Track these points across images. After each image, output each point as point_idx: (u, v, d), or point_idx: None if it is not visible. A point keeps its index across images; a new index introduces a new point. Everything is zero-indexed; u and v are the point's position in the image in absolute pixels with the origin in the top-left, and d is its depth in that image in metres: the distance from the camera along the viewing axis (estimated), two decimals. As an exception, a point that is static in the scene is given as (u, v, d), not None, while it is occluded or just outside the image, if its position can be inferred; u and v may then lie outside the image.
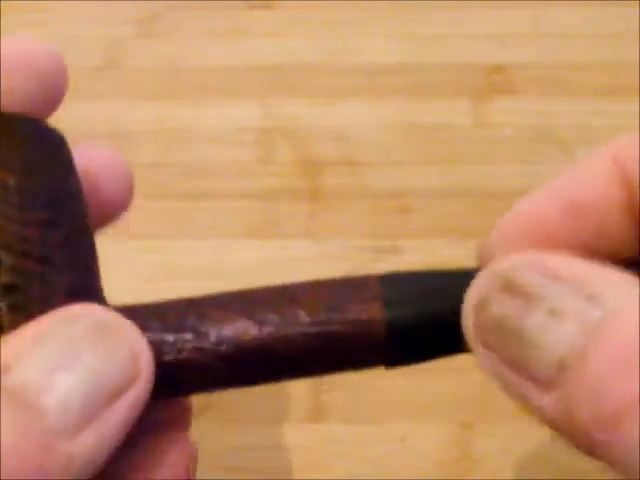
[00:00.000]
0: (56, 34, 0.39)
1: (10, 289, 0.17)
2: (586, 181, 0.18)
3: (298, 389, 0.31)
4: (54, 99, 0.20)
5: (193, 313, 0.18)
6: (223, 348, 0.17)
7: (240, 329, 0.18)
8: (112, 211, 0.21)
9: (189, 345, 0.18)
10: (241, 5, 0.39)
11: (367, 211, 0.35)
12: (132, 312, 0.18)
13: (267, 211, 0.35)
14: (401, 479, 0.30)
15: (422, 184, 0.35)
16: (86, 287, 0.18)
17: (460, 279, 0.18)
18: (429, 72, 0.38)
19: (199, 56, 0.38)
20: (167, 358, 0.17)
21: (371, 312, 0.18)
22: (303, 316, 0.18)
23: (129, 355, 0.17)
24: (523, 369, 0.16)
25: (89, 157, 0.20)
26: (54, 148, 0.19)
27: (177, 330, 0.18)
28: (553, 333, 0.16)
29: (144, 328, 0.17)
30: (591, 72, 0.38)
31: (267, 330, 0.18)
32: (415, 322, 0.18)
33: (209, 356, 0.18)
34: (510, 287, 0.16)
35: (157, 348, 0.17)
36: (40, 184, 0.18)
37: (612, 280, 0.16)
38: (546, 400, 0.16)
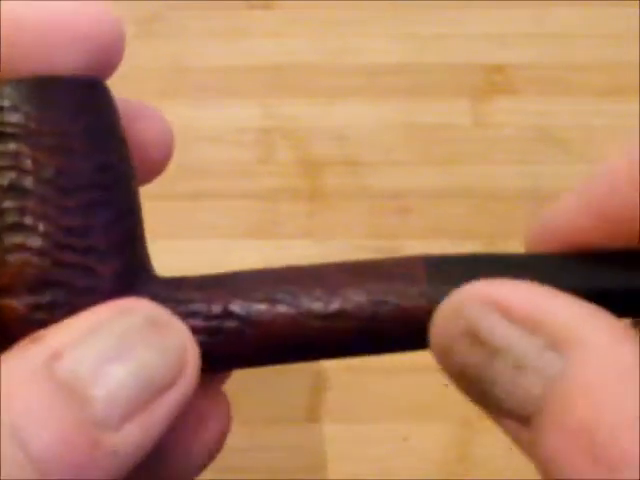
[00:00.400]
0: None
1: (53, 285, 0.16)
2: (615, 187, 0.17)
3: (298, 389, 0.31)
4: (108, 67, 0.19)
5: (238, 298, 0.17)
6: (267, 338, 0.17)
7: (285, 320, 0.17)
8: (153, 170, 0.21)
9: (232, 334, 0.17)
10: (241, 5, 0.39)
11: (367, 211, 0.35)
12: (177, 290, 0.18)
13: (267, 211, 0.35)
14: (401, 479, 0.30)
15: (422, 184, 0.35)
16: (133, 268, 0.18)
17: (507, 264, 0.17)
18: (429, 72, 0.38)
19: (199, 56, 0.38)
20: (209, 345, 0.17)
21: (418, 303, 0.17)
22: (350, 309, 0.17)
23: (178, 352, 0.17)
24: (496, 409, 0.16)
25: (134, 115, 0.20)
26: (97, 115, 0.18)
27: (221, 317, 0.17)
28: (517, 386, 0.15)
29: (189, 311, 0.17)
30: (591, 72, 0.38)
31: (312, 323, 0.17)
32: None
33: (251, 345, 0.17)
34: (472, 334, 0.16)
35: (199, 333, 0.17)
36: (82, 162, 0.17)
37: (578, 325, 0.15)
38: (524, 434, 0.15)
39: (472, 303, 0.16)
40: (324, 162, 0.36)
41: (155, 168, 0.21)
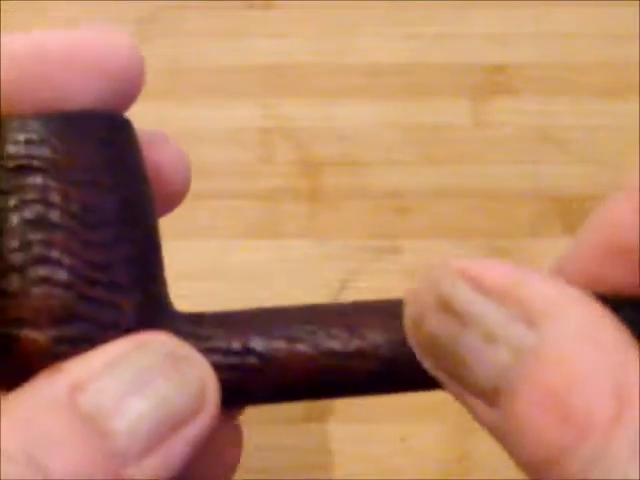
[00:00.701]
0: (56, 34, 0.39)
1: (77, 318, 0.16)
2: (626, 220, 0.17)
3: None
4: (125, 100, 0.19)
5: (258, 335, 0.18)
6: (285, 376, 0.17)
7: (304, 358, 0.17)
8: (169, 203, 0.21)
9: (251, 371, 0.17)
10: (241, 5, 0.39)
11: (367, 211, 0.35)
12: (198, 326, 0.18)
13: (267, 211, 0.35)
14: (401, 479, 0.30)
15: (422, 184, 0.35)
16: (154, 304, 0.18)
17: None
18: (429, 72, 0.38)
19: (199, 56, 0.38)
20: (226, 380, 0.17)
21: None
22: (368, 350, 0.17)
23: (198, 386, 0.17)
24: (464, 384, 0.16)
25: (155, 147, 0.20)
26: (120, 149, 0.18)
27: (241, 354, 0.17)
28: (487, 358, 0.15)
29: (209, 347, 0.17)
30: (591, 72, 0.37)
31: (331, 362, 0.17)
32: None
33: (269, 382, 0.17)
34: (444, 305, 0.16)
35: (219, 369, 0.17)
36: (107, 197, 0.17)
37: (554, 299, 0.15)
38: (489, 415, 0.16)
39: (447, 275, 0.16)
40: (324, 162, 0.36)
41: (173, 199, 0.21)
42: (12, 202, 0.16)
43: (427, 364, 0.17)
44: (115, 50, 0.18)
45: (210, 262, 0.34)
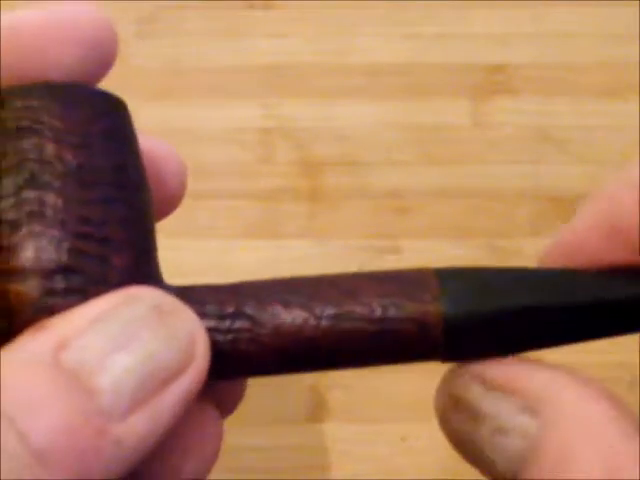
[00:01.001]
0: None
1: (67, 271, 0.16)
2: (626, 204, 0.18)
3: (299, 389, 0.31)
4: (102, 67, 0.20)
5: (251, 302, 0.17)
6: (278, 340, 0.17)
7: (297, 322, 0.17)
8: (166, 206, 0.21)
9: (245, 335, 0.17)
10: (241, 5, 0.39)
11: (367, 211, 0.35)
12: (190, 293, 0.17)
13: (267, 211, 0.35)
14: (401, 479, 0.30)
15: (422, 184, 0.36)
16: (144, 268, 0.18)
17: (515, 276, 0.18)
18: (429, 72, 0.38)
19: (199, 56, 0.38)
20: (222, 345, 0.17)
21: (428, 309, 0.17)
22: (360, 312, 0.17)
23: (186, 340, 0.16)
24: (490, 473, 0.17)
25: (148, 146, 0.20)
26: (115, 122, 0.18)
27: (234, 318, 0.17)
28: (502, 448, 0.17)
29: (201, 313, 0.17)
30: (591, 72, 0.38)
31: (324, 324, 0.17)
32: (472, 320, 0.17)
33: (264, 346, 0.17)
34: (458, 405, 0.17)
35: (212, 334, 0.17)
36: (101, 160, 0.17)
37: (547, 386, 0.16)
38: None
39: (456, 378, 0.18)
40: (324, 162, 0.36)
41: (170, 203, 0.21)
42: (8, 162, 0.17)
43: (460, 456, 0.18)
44: (86, 18, 0.19)
45: (210, 262, 0.34)
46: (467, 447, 0.17)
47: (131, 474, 0.15)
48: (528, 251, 0.34)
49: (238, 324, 0.17)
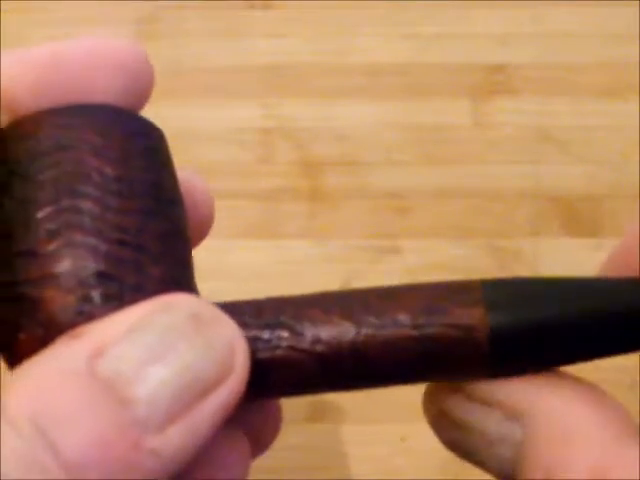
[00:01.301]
0: (56, 35, 0.39)
1: (104, 277, 0.16)
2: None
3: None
4: (140, 98, 0.20)
5: (290, 311, 0.17)
6: (319, 348, 0.17)
7: (338, 330, 0.17)
8: (197, 234, 0.21)
9: (285, 343, 0.17)
10: (241, 5, 0.39)
11: (367, 211, 0.35)
12: (228, 308, 0.17)
13: (267, 211, 0.35)
14: (401, 479, 0.30)
15: (422, 184, 0.36)
16: (180, 280, 0.18)
17: (562, 285, 0.17)
18: (429, 72, 0.38)
19: (199, 56, 0.38)
20: (261, 355, 0.17)
21: (474, 316, 0.17)
22: (403, 319, 0.17)
23: (225, 349, 0.16)
24: (488, 472, 0.18)
25: (181, 176, 0.20)
26: (153, 143, 0.19)
27: (273, 327, 0.17)
28: (494, 456, 0.17)
29: (240, 324, 0.17)
30: (591, 72, 0.38)
31: (365, 332, 0.17)
32: (519, 328, 0.17)
33: (304, 356, 0.17)
34: (446, 417, 0.18)
35: (252, 344, 0.17)
36: (139, 174, 0.18)
37: (532, 393, 0.17)
38: None
39: (439, 392, 0.18)
40: (324, 162, 0.36)
41: (200, 231, 0.21)
42: (48, 174, 0.17)
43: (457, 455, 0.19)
44: (128, 50, 0.19)
45: (210, 262, 0.34)
46: (462, 452, 0.18)
47: None
48: (528, 251, 0.34)
49: (278, 333, 0.17)
